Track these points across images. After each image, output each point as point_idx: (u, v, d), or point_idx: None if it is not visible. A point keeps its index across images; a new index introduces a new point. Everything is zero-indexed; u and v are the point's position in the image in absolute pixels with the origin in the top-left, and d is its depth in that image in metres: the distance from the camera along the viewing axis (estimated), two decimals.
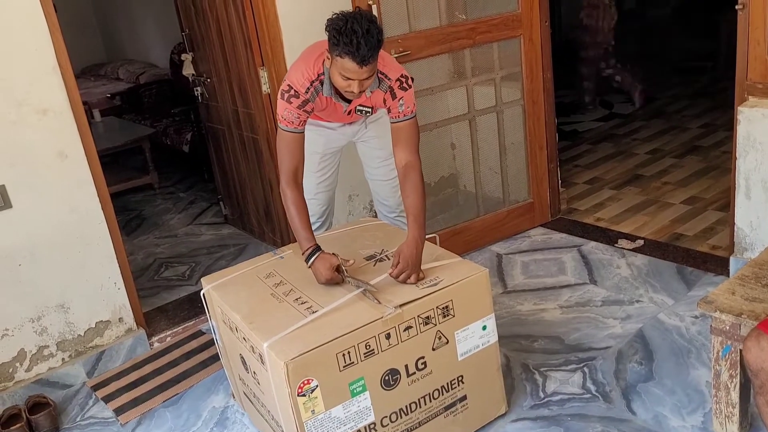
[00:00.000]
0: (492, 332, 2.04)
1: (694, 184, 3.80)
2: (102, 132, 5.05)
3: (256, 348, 1.84)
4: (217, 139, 3.81)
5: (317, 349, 1.73)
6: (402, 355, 1.87)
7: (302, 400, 1.73)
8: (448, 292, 1.92)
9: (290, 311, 1.90)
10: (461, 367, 2.00)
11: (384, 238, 2.25)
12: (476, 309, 1.99)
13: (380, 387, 1.86)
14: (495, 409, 2.14)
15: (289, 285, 2.04)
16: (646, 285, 2.81)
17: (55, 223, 2.53)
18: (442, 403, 2.00)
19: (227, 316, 2.03)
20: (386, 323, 1.82)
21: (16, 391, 2.55)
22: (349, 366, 1.79)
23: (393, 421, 1.91)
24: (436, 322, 1.91)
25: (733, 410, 1.87)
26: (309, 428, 1.76)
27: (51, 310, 2.59)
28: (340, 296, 1.93)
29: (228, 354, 2.22)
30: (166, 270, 3.60)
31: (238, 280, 2.15)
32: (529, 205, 3.47)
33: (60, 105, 2.47)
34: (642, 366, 2.31)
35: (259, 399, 2.04)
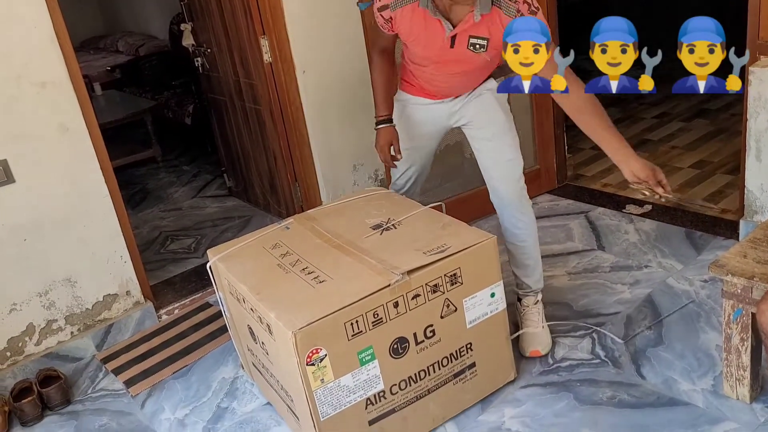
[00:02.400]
0: (500, 299, 2.03)
1: (703, 148, 3.76)
2: (103, 105, 5.01)
3: (264, 319, 1.84)
4: (219, 110, 3.77)
5: (325, 318, 1.72)
6: (410, 323, 1.87)
7: (311, 370, 1.73)
8: (455, 260, 1.90)
9: (297, 281, 1.89)
10: (470, 335, 2.00)
11: (390, 207, 2.23)
12: (484, 276, 1.97)
13: (389, 355, 1.85)
14: (504, 376, 2.14)
15: (295, 255, 2.03)
16: (654, 250, 2.79)
17: (59, 197, 2.52)
18: (451, 371, 2.00)
19: (234, 287, 2.03)
20: (394, 292, 1.81)
21: (27, 365, 2.56)
22: (358, 335, 1.78)
23: (402, 389, 1.91)
24: (444, 290, 1.90)
25: (744, 373, 1.86)
26: (318, 397, 1.77)
27: (58, 285, 2.59)
28: (347, 266, 1.92)
29: (236, 325, 2.22)
30: (172, 243, 3.59)
31: (244, 252, 2.13)
32: (535, 172, 3.44)
33: (59, 77, 2.43)
34: (651, 331, 2.30)
35: (268, 369, 2.04)
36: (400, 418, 1.93)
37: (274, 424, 2.17)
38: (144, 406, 2.37)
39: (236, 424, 2.20)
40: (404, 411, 1.93)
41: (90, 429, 2.30)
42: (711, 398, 1.97)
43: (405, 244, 1.98)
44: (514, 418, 2.03)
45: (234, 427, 2.18)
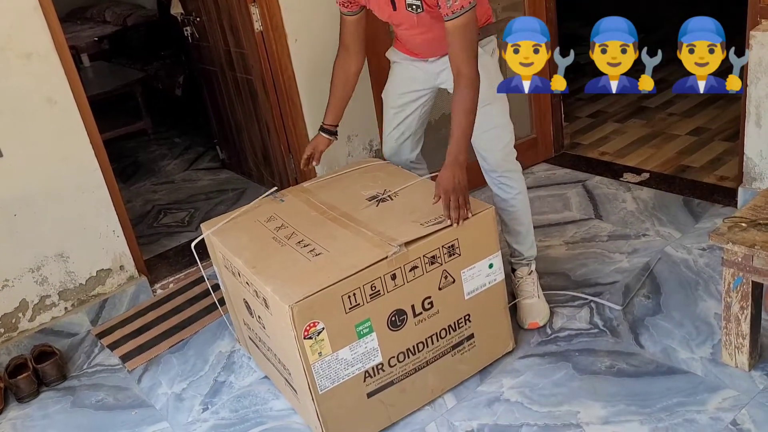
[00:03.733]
0: (499, 270, 2.01)
1: (700, 115, 3.72)
2: (91, 77, 4.92)
3: (260, 292, 1.82)
4: (210, 81, 3.70)
5: (322, 291, 1.70)
6: (408, 295, 1.85)
7: (309, 343, 1.71)
8: (453, 231, 1.87)
9: (293, 254, 1.87)
10: (468, 306, 1.98)
11: (386, 178, 2.20)
12: (482, 247, 1.95)
13: (387, 328, 1.84)
14: (502, 347, 2.13)
15: (290, 228, 2.00)
16: (652, 218, 2.78)
17: (49, 171, 2.47)
18: (450, 342, 1.98)
19: (229, 261, 2.00)
20: (391, 264, 1.78)
21: (21, 341, 2.54)
22: (355, 308, 1.76)
23: (400, 361, 1.90)
24: (441, 262, 1.88)
25: (743, 341, 1.86)
26: (316, 370, 1.75)
27: (50, 260, 2.56)
28: (343, 238, 1.89)
29: (232, 299, 2.20)
30: (165, 216, 3.56)
31: (238, 225, 2.10)
32: (532, 141, 3.40)
33: (44, 48, 2.37)
34: (649, 300, 2.30)
35: (265, 343, 2.03)
36: (398, 390, 1.92)
37: (272, 397, 2.16)
38: (140, 380, 2.36)
39: (234, 398, 2.19)
40: (403, 383, 1.92)
41: (87, 404, 2.29)
42: (710, 366, 1.96)
43: (402, 215, 1.95)
44: (512, 389, 2.02)
45: (232, 401, 2.18)
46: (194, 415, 2.15)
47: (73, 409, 2.27)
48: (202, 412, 2.16)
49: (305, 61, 2.82)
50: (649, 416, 1.83)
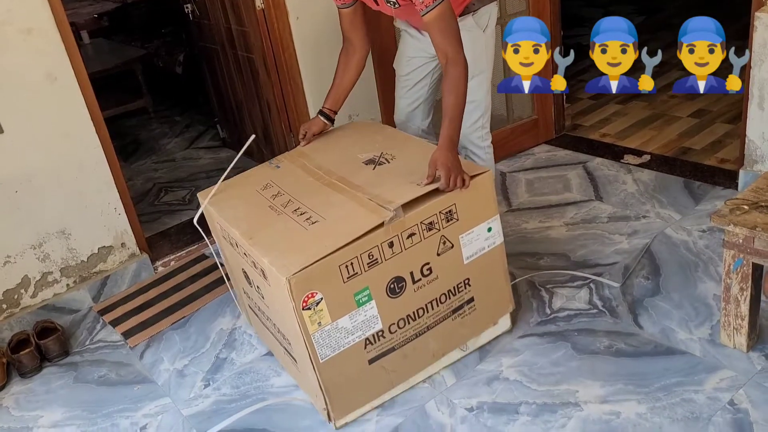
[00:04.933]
0: (497, 233, 1.98)
1: (702, 97, 3.70)
2: (91, 54, 4.89)
3: (258, 264, 1.81)
4: (210, 59, 3.68)
5: (319, 262, 1.69)
6: (406, 262, 1.83)
7: (308, 314, 1.71)
8: (450, 196, 1.84)
9: (289, 223, 1.85)
10: (467, 270, 1.96)
11: (383, 141, 2.16)
12: (480, 211, 1.92)
13: (386, 295, 1.83)
14: (503, 309, 2.12)
15: (287, 196, 1.97)
16: (652, 200, 2.78)
17: (50, 148, 2.47)
18: (450, 307, 1.97)
19: (226, 231, 1.98)
20: (388, 232, 1.76)
21: (23, 317, 2.56)
22: (353, 277, 1.75)
23: (401, 327, 1.89)
24: (439, 227, 1.86)
25: (742, 322, 1.87)
26: (316, 340, 1.75)
27: (52, 237, 2.56)
28: (339, 204, 1.86)
29: (231, 268, 2.19)
30: (166, 195, 3.56)
31: (235, 194, 2.08)
32: (533, 122, 3.40)
33: (45, 23, 2.35)
34: (649, 281, 2.31)
35: (264, 313, 2.03)
36: (400, 356, 1.92)
37: (273, 374, 2.18)
38: (143, 357, 2.38)
39: (235, 375, 2.21)
40: (404, 349, 1.92)
41: (89, 380, 2.31)
42: (708, 347, 1.98)
43: (399, 177, 1.91)
44: (511, 368, 2.04)
45: (233, 378, 2.20)
46: (196, 391, 2.17)
47: (76, 385, 2.29)
48: (203, 388, 2.18)
49: (306, 39, 2.81)
50: (647, 396, 1.85)
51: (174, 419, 2.08)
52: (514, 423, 1.85)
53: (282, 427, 1.97)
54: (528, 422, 1.84)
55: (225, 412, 2.05)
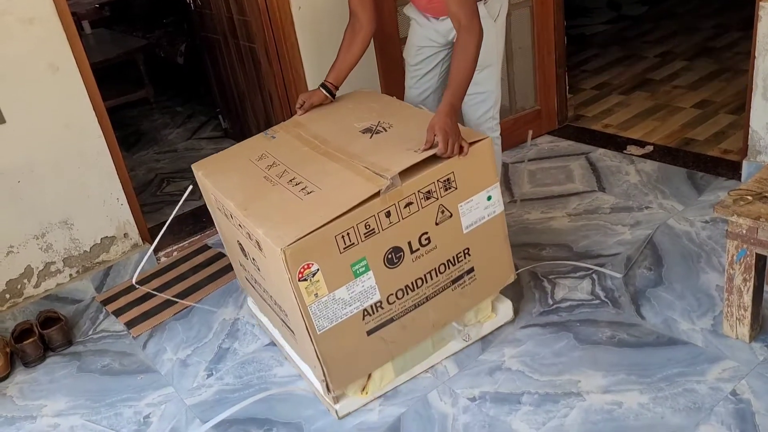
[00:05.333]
0: (497, 202, 1.94)
1: (706, 87, 3.70)
2: (93, 44, 4.87)
3: (253, 235, 1.77)
4: (212, 49, 3.67)
5: (315, 232, 1.64)
6: (404, 232, 1.79)
7: (304, 285, 1.68)
8: (449, 164, 1.79)
9: (284, 194, 1.81)
10: (467, 240, 1.92)
11: (380, 109, 2.12)
12: (479, 179, 1.87)
13: (384, 265, 1.79)
14: (503, 279, 2.08)
15: (282, 166, 1.94)
16: (655, 191, 2.78)
17: (52, 138, 2.46)
18: (449, 277, 1.93)
19: (221, 203, 1.95)
20: (385, 201, 1.72)
21: (27, 307, 2.56)
22: (350, 247, 1.71)
23: (399, 298, 1.86)
24: (437, 196, 1.81)
25: (745, 313, 1.87)
26: (313, 312, 1.72)
27: (54, 227, 2.56)
28: (335, 173, 1.83)
29: (226, 240, 2.16)
30: (168, 185, 3.56)
31: (229, 165, 2.05)
32: (536, 113, 3.39)
33: (46, 13, 2.34)
34: (651, 271, 2.31)
35: (261, 285, 2.00)
36: (399, 327, 1.89)
37: (276, 364, 2.19)
38: (146, 347, 2.39)
39: (238, 365, 2.21)
40: (403, 319, 1.89)
41: (93, 369, 2.31)
42: (710, 337, 1.98)
43: (396, 145, 1.87)
44: (514, 358, 2.04)
45: (236, 367, 2.20)
46: (199, 381, 2.18)
47: (80, 374, 2.30)
48: (206, 377, 2.19)
49: (309, 28, 2.79)
50: (649, 386, 1.86)
51: (177, 408, 2.08)
52: (516, 413, 1.85)
53: (285, 416, 1.98)
54: (530, 412, 1.85)
55: (228, 402, 2.06)
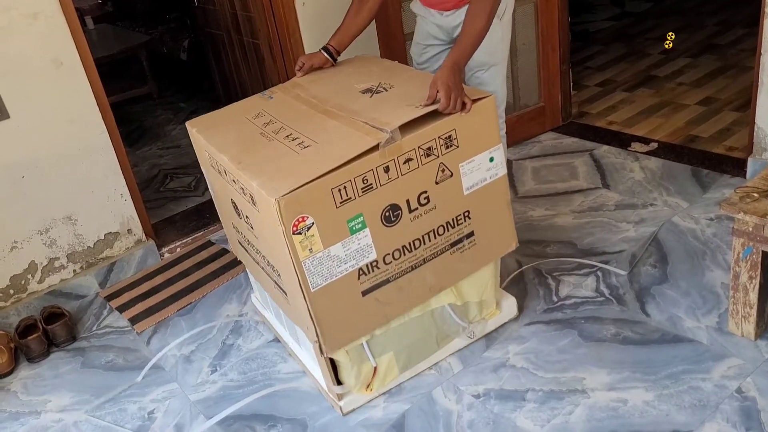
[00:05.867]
0: (500, 164, 1.88)
1: (710, 84, 3.69)
2: (96, 40, 4.87)
3: (247, 189, 1.71)
4: (216, 45, 3.67)
5: (310, 184, 1.59)
6: (403, 189, 1.74)
7: (298, 239, 1.62)
8: (450, 120, 1.73)
9: (280, 149, 1.75)
10: (467, 202, 1.87)
11: (380, 72, 2.08)
12: (482, 139, 1.82)
13: (381, 223, 1.73)
14: (505, 246, 2.02)
15: (279, 123, 1.89)
16: (660, 188, 2.77)
17: (56, 133, 2.46)
18: (448, 240, 1.87)
19: (215, 159, 1.90)
20: (384, 155, 1.67)
21: (31, 302, 2.57)
22: (347, 202, 1.66)
23: (396, 258, 1.80)
24: (438, 154, 1.75)
25: (751, 311, 1.87)
26: (307, 268, 1.66)
27: (58, 223, 2.56)
28: (333, 129, 1.79)
29: (219, 202, 2.13)
30: (172, 181, 3.56)
31: (224, 122, 2.01)
32: (539, 109, 3.38)
33: (50, 8, 2.34)
34: (656, 269, 2.30)
35: (254, 246, 1.94)
36: (395, 288, 1.84)
37: (280, 360, 2.19)
38: (150, 342, 2.39)
39: (242, 361, 2.21)
40: (399, 281, 1.84)
41: (97, 365, 2.32)
42: (715, 335, 1.98)
43: (397, 102, 1.82)
44: (518, 355, 2.04)
45: (240, 364, 2.20)
46: (203, 377, 2.18)
47: (84, 369, 2.30)
48: (210, 373, 2.19)
49: (313, 24, 2.79)
50: (654, 383, 1.85)
51: (181, 404, 2.08)
52: (520, 410, 1.85)
53: (289, 413, 1.98)
54: (535, 409, 1.85)
55: (232, 398, 2.06)
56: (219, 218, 2.19)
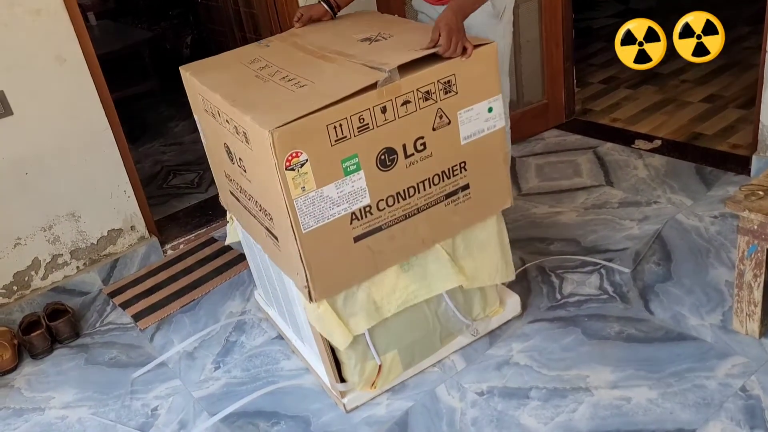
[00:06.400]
0: (498, 116, 1.84)
1: (714, 82, 3.67)
2: (98, 36, 4.86)
3: (240, 126, 1.67)
4: (218, 42, 3.67)
5: (305, 117, 1.56)
6: (399, 132, 1.70)
7: (291, 175, 1.58)
8: (450, 65, 1.70)
9: (276, 88, 1.72)
10: (464, 153, 1.83)
11: (380, 24, 2.06)
12: (481, 87, 1.78)
13: (376, 167, 1.70)
14: (500, 202, 1.98)
15: (275, 67, 1.86)
16: (663, 186, 2.76)
17: (59, 130, 2.46)
18: (443, 191, 1.84)
19: (208, 100, 1.87)
20: (381, 95, 1.63)
21: (34, 299, 2.57)
22: (342, 140, 1.62)
23: (390, 205, 1.76)
24: (436, 99, 1.72)
25: (755, 309, 1.87)
26: (299, 206, 1.62)
27: (62, 219, 2.56)
28: (331, 71, 1.76)
29: (212, 152, 2.10)
30: (175, 178, 3.56)
31: (219, 66, 1.98)
32: (543, 106, 3.37)
33: (53, 4, 2.34)
34: (660, 266, 2.30)
35: (246, 192, 1.90)
36: (387, 237, 1.80)
37: (283, 357, 2.19)
38: (153, 339, 2.39)
39: (245, 358, 2.21)
40: (392, 229, 1.80)
41: (100, 361, 2.32)
42: (720, 333, 1.97)
43: (396, 47, 1.80)
44: (522, 353, 2.04)
45: (243, 361, 2.20)
46: (206, 374, 2.18)
47: (87, 366, 2.31)
48: (214, 370, 2.19)
49: None
50: (658, 381, 1.85)
51: (185, 401, 2.09)
52: (524, 407, 1.85)
53: (292, 410, 1.98)
54: (538, 407, 1.85)
55: (235, 395, 2.06)
56: (222, 215, 2.19)
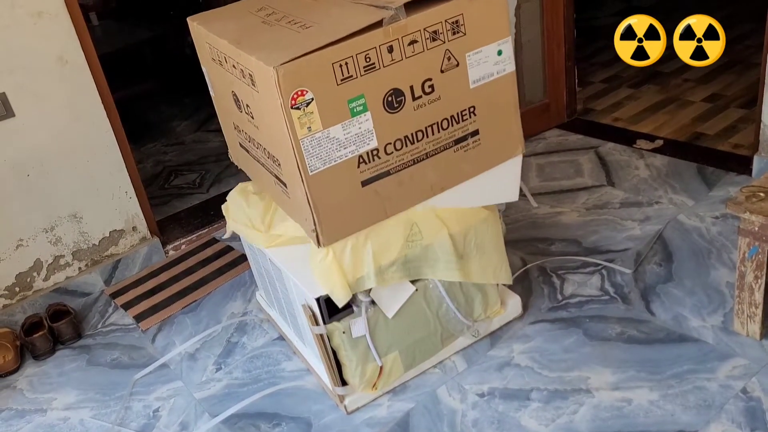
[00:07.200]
0: (508, 60, 1.80)
1: (716, 81, 3.67)
2: (100, 36, 4.87)
3: (246, 69, 1.66)
4: None
5: (310, 54, 1.54)
6: (406, 73, 1.68)
7: (296, 114, 1.56)
8: (458, 4, 1.67)
9: (282, 31, 1.70)
10: (473, 97, 1.80)
11: None
12: (491, 29, 1.75)
13: (383, 108, 1.68)
14: (511, 150, 1.93)
15: (282, 13, 1.84)
16: (665, 186, 2.76)
17: (61, 131, 2.47)
18: (452, 136, 1.81)
19: (214, 47, 1.85)
20: (387, 34, 1.61)
21: (36, 300, 2.57)
22: (348, 80, 1.60)
23: (398, 149, 1.74)
24: (444, 39, 1.68)
25: (756, 310, 1.86)
26: (305, 147, 1.60)
27: (64, 220, 2.57)
28: (337, 13, 1.74)
29: (220, 103, 2.09)
30: (176, 178, 3.56)
31: (227, 15, 1.96)
32: (544, 106, 3.37)
33: (55, 6, 2.34)
34: (661, 267, 2.30)
35: (254, 140, 1.88)
36: (395, 182, 1.78)
37: (285, 358, 2.19)
38: (155, 340, 2.39)
39: (247, 359, 2.22)
40: (400, 174, 1.78)
41: (102, 362, 2.32)
42: (721, 335, 1.97)
43: None
44: (523, 354, 2.04)
45: (245, 362, 2.21)
46: (208, 375, 2.18)
47: (89, 367, 2.31)
48: (215, 371, 2.19)
49: None
50: (659, 383, 1.85)
51: (186, 402, 2.09)
52: (525, 409, 1.85)
53: (293, 411, 1.99)
54: (539, 408, 1.85)
55: (237, 396, 2.06)
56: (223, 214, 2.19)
